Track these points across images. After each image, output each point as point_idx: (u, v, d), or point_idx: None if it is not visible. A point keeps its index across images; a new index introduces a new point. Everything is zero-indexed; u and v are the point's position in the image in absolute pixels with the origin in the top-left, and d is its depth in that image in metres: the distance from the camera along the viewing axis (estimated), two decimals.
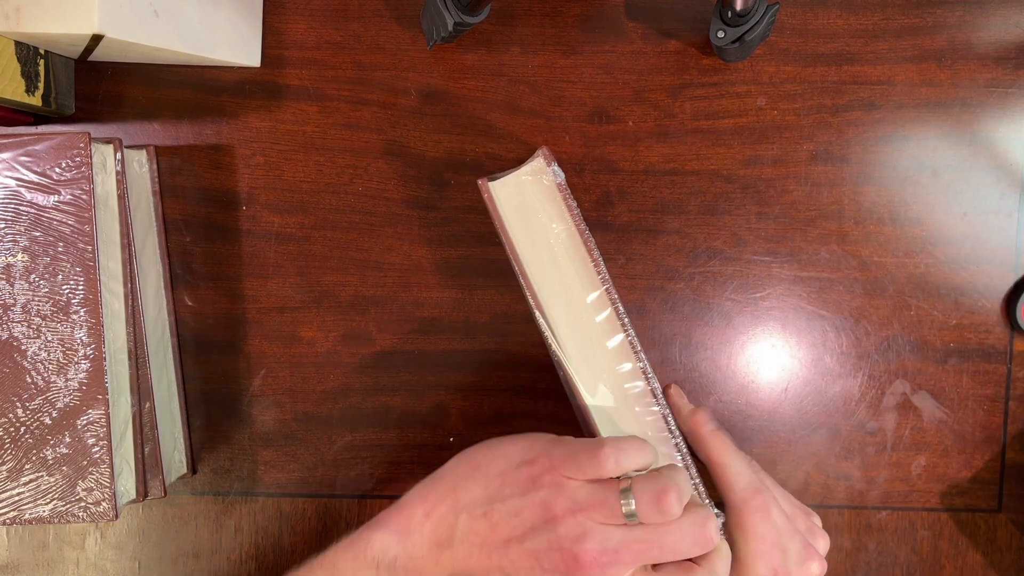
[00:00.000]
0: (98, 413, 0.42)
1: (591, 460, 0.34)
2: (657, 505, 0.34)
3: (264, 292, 0.50)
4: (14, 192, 0.41)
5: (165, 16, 0.43)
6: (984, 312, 0.49)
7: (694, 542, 0.34)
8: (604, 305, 0.38)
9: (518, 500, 0.34)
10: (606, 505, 0.34)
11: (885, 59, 0.48)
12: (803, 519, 0.42)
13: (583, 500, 0.34)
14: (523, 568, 0.34)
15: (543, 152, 0.39)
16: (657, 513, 0.34)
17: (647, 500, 0.34)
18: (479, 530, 0.34)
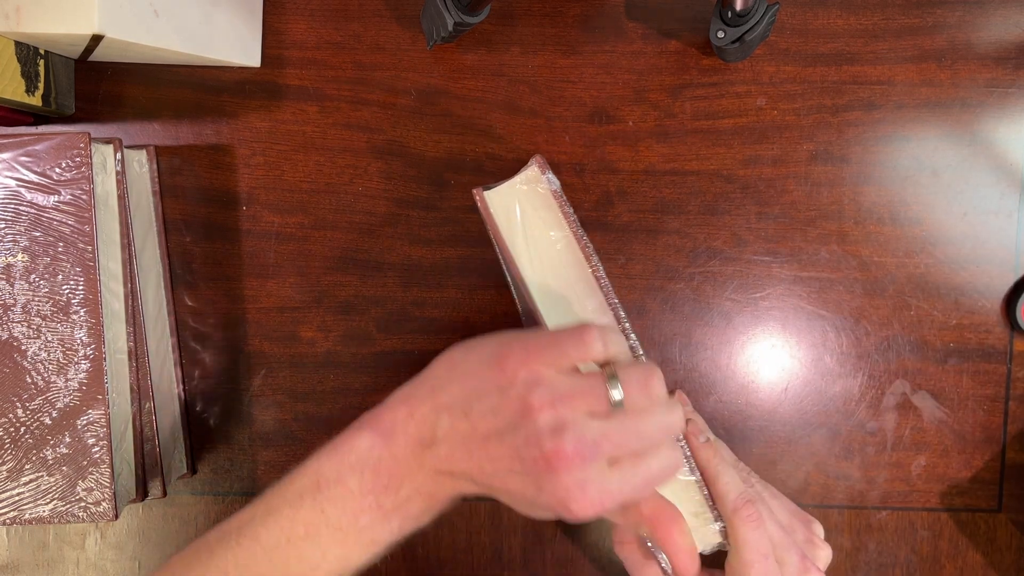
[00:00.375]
0: (98, 413, 0.42)
1: (577, 344, 0.33)
2: (645, 389, 0.33)
3: (264, 292, 0.50)
4: (14, 192, 0.41)
5: (165, 16, 0.43)
6: (984, 312, 0.49)
7: (667, 427, 0.34)
8: (604, 311, 0.38)
9: (496, 397, 0.33)
10: (592, 393, 0.32)
11: (885, 59, 0.48)
12: (802, 530, 0.41)
13: (563, 390, 0.32)
14: (503, 464, 0.33)
15: (537, 160, 0.39)
16: (645, 397, 0.33)
17: (636, 384, 0.33)
18: (460, 429, 0.33)
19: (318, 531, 0.34)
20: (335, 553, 0.34)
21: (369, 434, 0.35)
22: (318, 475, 0.35)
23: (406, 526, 0.35)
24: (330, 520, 0.34)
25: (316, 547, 0.34)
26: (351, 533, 0.34)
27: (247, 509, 0.36)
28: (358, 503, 0.34)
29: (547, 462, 0.31)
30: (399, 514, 0.34)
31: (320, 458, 0.35)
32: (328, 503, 0.34)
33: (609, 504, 0.32)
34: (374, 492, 0.34)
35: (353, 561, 0.35)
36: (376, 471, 0.34)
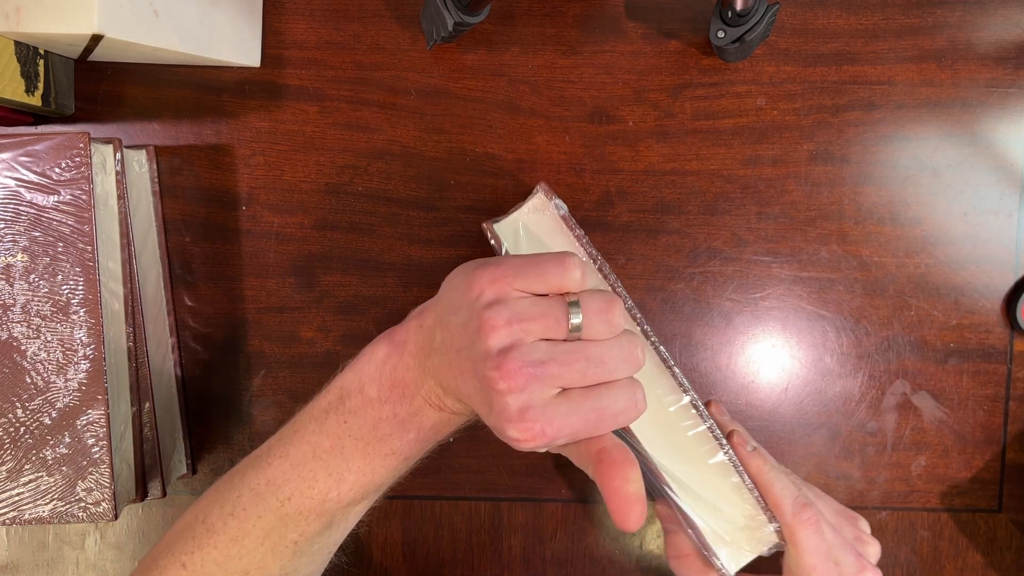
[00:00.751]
0: (98, 413, 0.42)
1: (558, 268, 0.33)
2: (604, 315, 0.32)
3: (264, 292, 0.50)
4: (14, 192, 0.41)
5: (165, 16, 0.43)
6: (984, 312, 0.49)
7: (621, 358, 0.33)
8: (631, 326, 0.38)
9: (466, 312, 0.33)
10: (551, 315, 0.32)
11: (885, 59, 0.48)
12: (849, 527, 0.42)
13: (521, 311, 0.32)
14: (467, 380, 0.33)
15: (542, 187, 0.39)
16: (604, 323, 0.32)
17: (596, 310, 0.32)
18: (445, 340, 0.34)
19: (342, 443, 0.35)
20: (358, 463, 0.35)
21: (385, 345, 0.36)
22: (341, 389, 0.36)
23: (423, 437, 0.36)
24: (352, 430, 0.35)
25: (341, 458, 0.35)
26: (372, 442, 0.35)
27: (277, 433, 0.37)
28: (377, 411, 0.35)
29: (491, 381, 0.31)
30: (414, 424, 0.35)
31: (343, 373, 0.37)
32: (350, 414, 0.35)
33: (552, 434, 0.31)
34: (391, 401, 0.35)
35: (377, 472, 0.36)
36: (392, 380, 0.35)
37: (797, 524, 0.38)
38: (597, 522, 0.50)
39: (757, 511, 0.39)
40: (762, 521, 0.39)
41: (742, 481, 0.39)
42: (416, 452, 0.36)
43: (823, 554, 0.38)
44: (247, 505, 0.36)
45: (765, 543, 0.39)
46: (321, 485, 0.35)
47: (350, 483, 0.35)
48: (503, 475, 0.50)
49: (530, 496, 0.50)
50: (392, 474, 0.37)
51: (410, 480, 0.50)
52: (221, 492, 0.37)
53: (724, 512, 0.39)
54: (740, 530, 0.39)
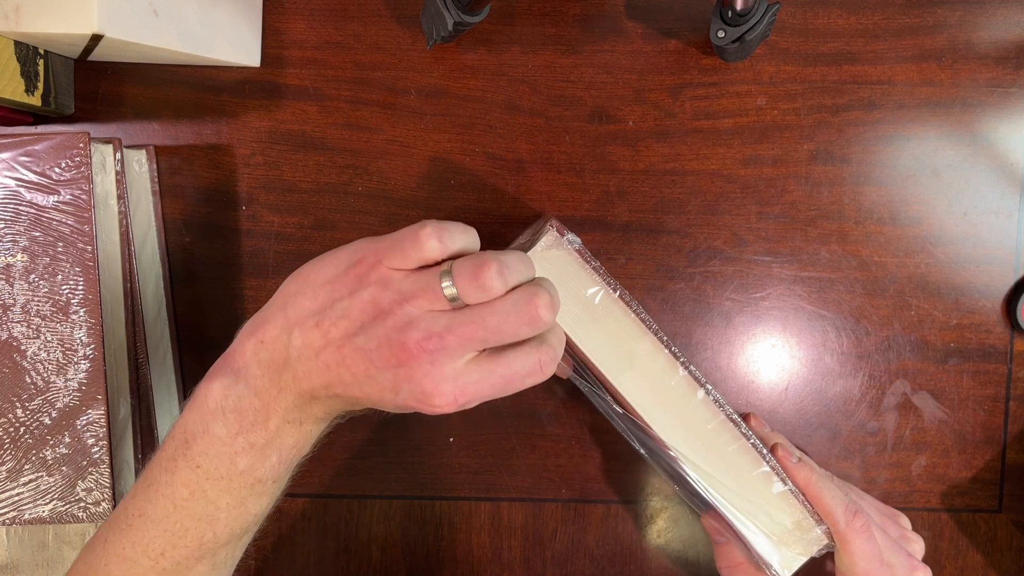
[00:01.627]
0: (98, 413, 0.42)
1: (413, 242, 0.32)
2: (476, 280, 0.31)
3: (264, 292, 0.50)
4: (14, 192, 0.41)
5: (165, 16, 0.43)
6: (984, 312, 0.49)
7: (520, 320, 0.32)
8: (658, 349, 0.38)
9: (346, 301, 0.32)
10: (429, 289, 0.32)
11: (885, 59, 0.48)
12: (893, 527, 0.42)
13: (407, 290, 0.32)
14: (360, 369, 0.32)
15: (554, 224, 0.38)
16: (477, 289, 0.31)
17: (466, 276, 0.31)
18: (312, 342, 0.32)
19: (201, 487, 0.33)
20: (225, 501, 0.33)
21: (221, 376, 0.33)
22: (184, 433, 0.34)
23: (286, 458, 0.34)
24: (209, 472, 0.33)
25: (205, 502, 0.33)
26: (234, 478, 0.33)
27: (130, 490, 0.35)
28: (229, 447, 0.33)
29: (397, 359, 0.31)
30: (274, 447, 0.33)
31: (183, 416, 0.34)
32: (201, 457, 0.33)
33: (463, 401, 0.32)
34: (242, 432, 0.33)
35: (249, 504, 0.34)
36: (238, 411, 0.33)
37: (851, 532, 0.38)
38: (597, 522, 0.50)
39: (805, 515, 0.39)
40: (811, 524, 0.40)
41: (787, 488, 0.39)
42: (283, 473, 0.35)
43: (878, 559, 0.38)
44: (117, 573, 0.34)
45: (815, 544, 0.40)
46: (193, 532, 0.34)
47: (224, 522, 0.34)
48: (503, 475, 0.50)
49: (530, 496, 0.50)
50: (266, 501, 0.35)
51: (409, 480, 0.50)
52: (88, 562, 0.35)
53: (773, 519, 0.40)
54: (790, 534, 0.40)
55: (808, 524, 0.40)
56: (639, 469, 0.50)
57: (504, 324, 0.31)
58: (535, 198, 0.49)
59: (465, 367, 0.32)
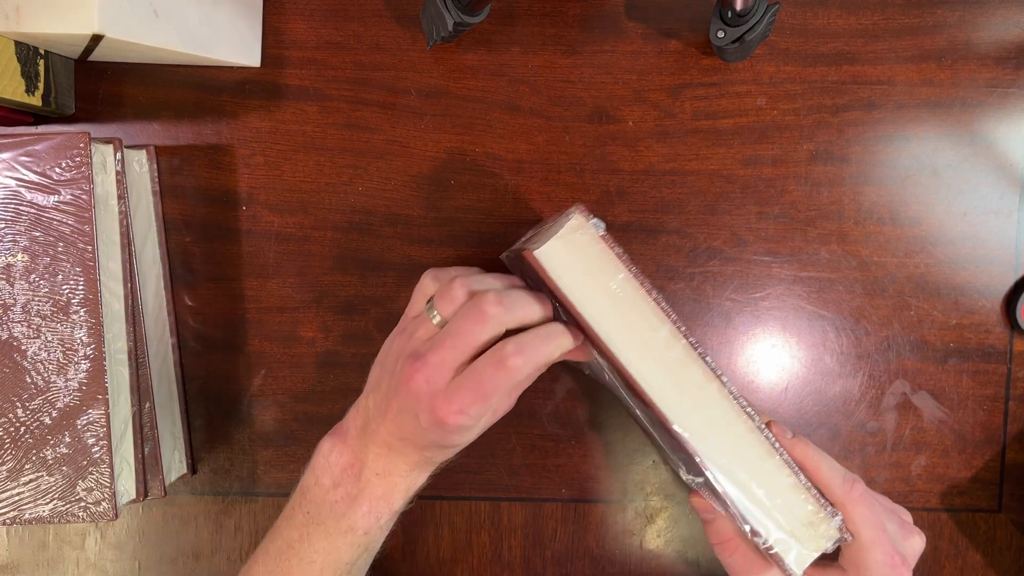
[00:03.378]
0: (98, 413, 0.42)
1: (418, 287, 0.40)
2: (444, 295, 0.37)
3: (264, 292, 0.50)
4: (14, 192, 0.41)
5: (165, 16, 0.43)
6: (984, 312, 0.49)
7: (472, 319, 0.35)
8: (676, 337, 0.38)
9: (391, 356, 0.39)
10: (420, 320, 0.38)
11: (885, 59, 0.48)
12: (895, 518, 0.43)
13: (412, 329, 0.38)
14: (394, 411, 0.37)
15: (580, 208, 0.38)
16: (447, 303, 0.37)
17: (439, 296, 0.37)
18: (378, 399, 0.39)
19: (308, 530, 0.40)
20: (322, 545, 0.39)
21: (328, 439, 0.40)
22: (302, 486, 0.41)
23: (376, 509, 0.40)
24: (314, 518, 0.40)
25: (308, 544, 0.40)
26: (330, 523, 0.39)
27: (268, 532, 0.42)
28: (331, 496, 0.39)
29: (404, 383, 0.36)
30: (365, 498, 0.39)
31: (303, 476, 0.41)
32: (311, 505, 0.40)
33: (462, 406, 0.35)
34: (343, 483, 0.39)
35: (341, 550, 0.40)
36: (339, 465, 0.40)
37: (850, 501, 0.39)
38: (597, 522, 0.50)
39: (818, 507, 0.39)
40: (824, 517, 0.39)
41: (799, 481, 0.39)
42: (373, 525, 0.40)
43: (879, 526, 0.39)
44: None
45: (829, 539, 0.39)
46: (295, 572, 0.40)
47: (319, 565, 0.40)
48: (503, 475, 0.50)
49: (530, 496, 0.50)
50: (354, 550, 0.40)
51: None
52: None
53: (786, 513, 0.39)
54: (804, 528, 0.39)
55: (821, 516, 0.39)
56: (639, 469, 0.50)
57: (461, 327, 0.36)
58: (535, 198, 0.49)
59: (451, 382, 0.36)
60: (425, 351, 0.36)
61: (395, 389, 0.37)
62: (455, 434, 0.37)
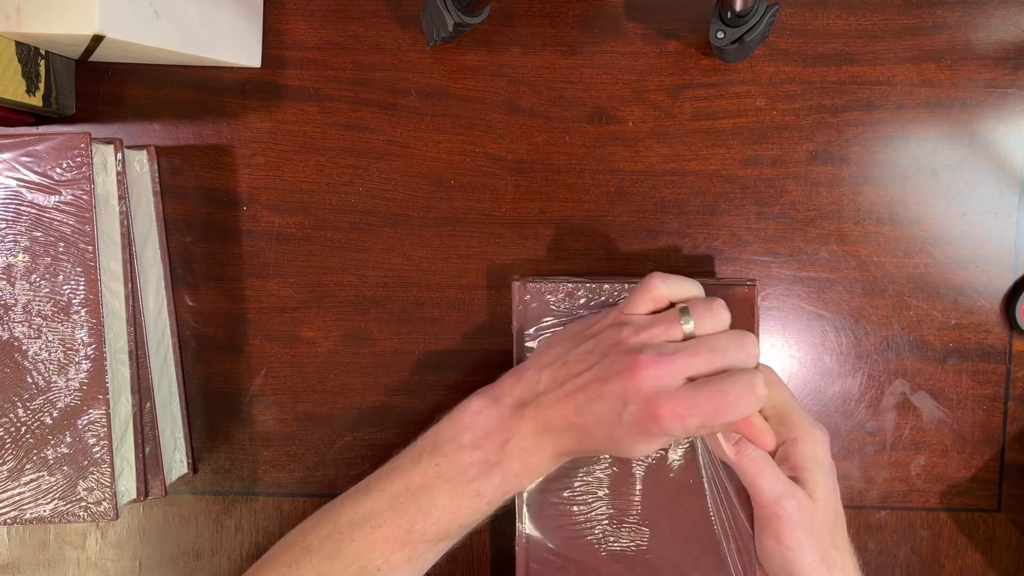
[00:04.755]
0: (99, 413, 0.42)
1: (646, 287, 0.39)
2: (710, 311, 0.38)
3: (264, 292, 0.50)
4: (15, 192, 0.41)
5: (165, 17, 0.43)
6: (983, 312, 0.49)
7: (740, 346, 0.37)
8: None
9: (591, 342, 0.39)
10: (668, 322, 0.38)
11: (884, 59, 0.48)
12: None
13: (645, 324, 0.38)
14: (593, 392, 0.37)
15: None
16: (712, 319, 0.38)
17: (702, 309, 0.38)
18: (558, 377, 0.39)
19: (432, 482, 0.39)
20: (444, 501, 0.39)
21: (480, 399, 0.40)
22: (436, 436, 0.40)
23: (507, 483, 0.39)
24: (442, 472, 0.39)
25: (429, 496, 0.39)
26: (459, 483, 0.39)
27: (375, 471, 0.41)
28: (467, 456, 0.39)
29: (630, 371, 0.36)
30: (501, 469, 0.39)
31: (440, 424, 0.41)
32: (442, 458, 0.39)
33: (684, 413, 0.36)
34: (482, 447, 0.39)
35: (461, 512, 0.39)
36: (485, 429, 0.39)
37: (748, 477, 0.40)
38: None
39: None
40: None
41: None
42: (498, 497, 0.40)
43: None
44: (344, 529, 0.39)
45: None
46: (410, 516, 0.39)
47: (435, 519, 0.39)
48: None
49: None
50: (473, 516, 0.40)
51: None
52: (321, 516, 0.41)
53: None
54: None
55: None
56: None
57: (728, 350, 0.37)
58: (535, 198, 0.49)
59: (685, 387, 0.36)
60: (672, 350, 0.36)
61: (606, 375, 0.37)
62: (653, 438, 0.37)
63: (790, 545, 0.38)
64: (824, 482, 0.39)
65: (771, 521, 0.39)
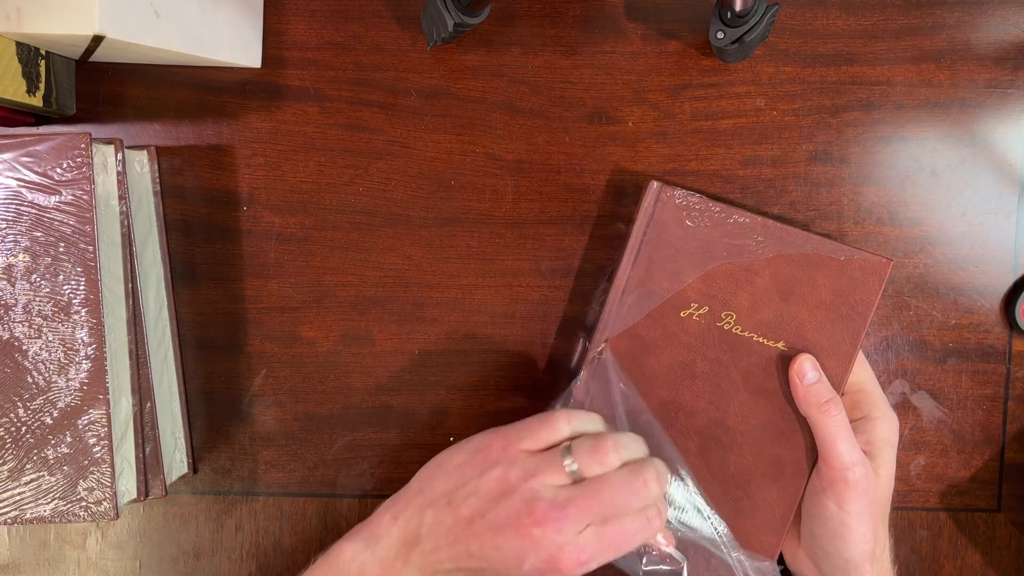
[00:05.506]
0: (99, 413, 0.42)
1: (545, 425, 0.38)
2: (594, 455, 0.37)
3: (265, 292, 0.50)
4: (15, 192, 0.41)
5: (166, 17, 0.43)
6: (983, 312, 0.49)
7: (631, 491, 0.37)
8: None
9: (476, 480, 0.37)
10: (552, 465, 0.37)
11: (884, 59, 0.48)
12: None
13: (533, 467, 0.37)
14: (487, 541, 0.36)
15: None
16: (596, 464, 0.37)
17: (585, 452, 0.37)
18: (444, 519, 0.37)
19: None
20: None
21: (352, 542, 0.38)
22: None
23: None
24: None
25: None
26: None
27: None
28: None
29: (526, 529, 0.35)
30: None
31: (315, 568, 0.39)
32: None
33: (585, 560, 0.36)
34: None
35: None
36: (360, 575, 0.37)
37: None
38: None
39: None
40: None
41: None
42: None
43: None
44: None
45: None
46: None
47: None
48: None
49: None
50: None
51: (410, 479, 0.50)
52: None
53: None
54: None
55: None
56: None
57: (617, 496, 0.36)
58: (535, 198, 0.49)
59: (582, 534, 0.36)
60: (563, 500, 0.36)
61: (500, 525, 0.36)
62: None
63: (850, 511, 0.39)
64: (889, 463, 0.41)
65: (837, 484, 0.39)
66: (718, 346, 0.43)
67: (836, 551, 0.40)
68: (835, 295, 0.42)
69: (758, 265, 0.43)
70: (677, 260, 0.43)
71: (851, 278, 0.42)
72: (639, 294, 0.44)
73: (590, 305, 0.49)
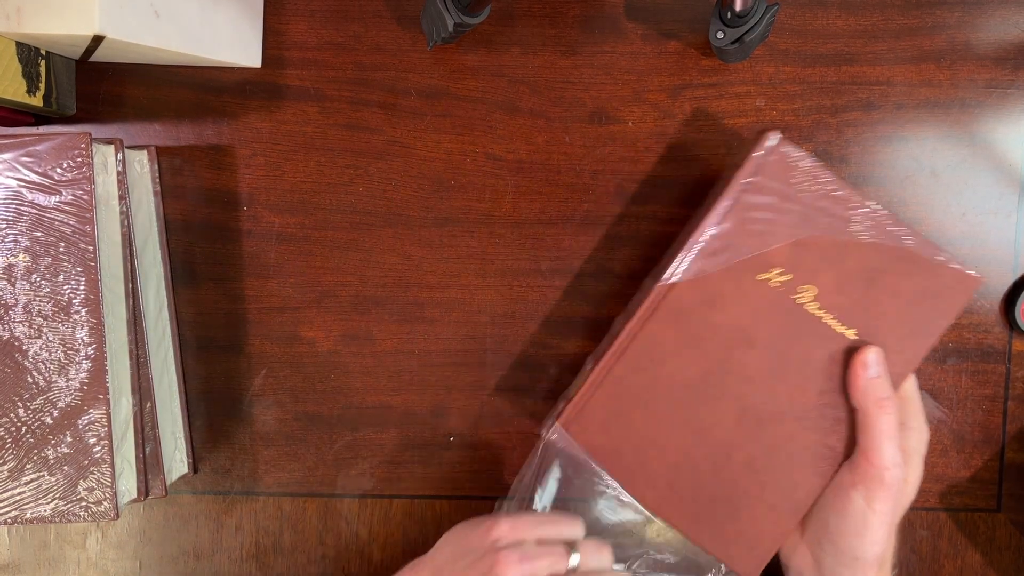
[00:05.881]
0: (99, 413, 0.42)
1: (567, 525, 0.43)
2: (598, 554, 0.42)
3: (265, 292, 0.50)
4: (16, 192, 0.41)
5: (166, 17, 0.43)
6: (983, 312, 0.49)
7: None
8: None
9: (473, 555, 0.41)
10: (554, 554, 0.41)
11: (884, 59, 0.48)
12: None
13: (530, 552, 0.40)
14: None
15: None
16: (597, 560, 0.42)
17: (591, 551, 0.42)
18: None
19: None
20: None
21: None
22: None
23: None
24: None
25: None
26: None
27: None
28: None
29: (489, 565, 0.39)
30: None
31: None
32: None
33: None
34: None
35: None
36: None
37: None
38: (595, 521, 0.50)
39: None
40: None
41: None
42: None
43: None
44: None
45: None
46: None
47: None
48: (503, 475, 0.50)
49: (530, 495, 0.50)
50: None
51: (410, 480, 0.50)
52: None
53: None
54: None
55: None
56: None
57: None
58: (535, 198, 0.49)
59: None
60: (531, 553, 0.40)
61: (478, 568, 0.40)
62: None
63: (877, 510, 0.39)
64: (917, 473, 0.42)
65: (872, 481, 0.39)
66: (785, 319, 0.41)
67: (849, 547, 0.40)
68: (920, 297, 0.40)
69: (852, 246, 0.41)
70: (772, 220, 0.41)
71: (940, 284, 0.40)
72: (723, 243, 0.41)
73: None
